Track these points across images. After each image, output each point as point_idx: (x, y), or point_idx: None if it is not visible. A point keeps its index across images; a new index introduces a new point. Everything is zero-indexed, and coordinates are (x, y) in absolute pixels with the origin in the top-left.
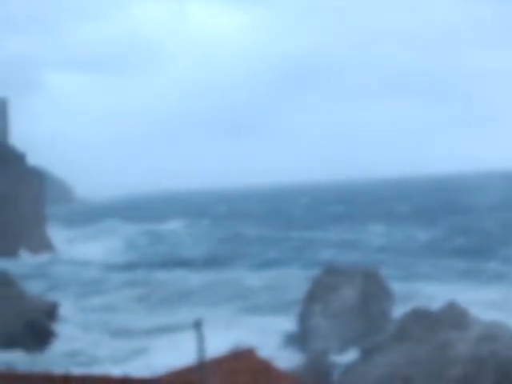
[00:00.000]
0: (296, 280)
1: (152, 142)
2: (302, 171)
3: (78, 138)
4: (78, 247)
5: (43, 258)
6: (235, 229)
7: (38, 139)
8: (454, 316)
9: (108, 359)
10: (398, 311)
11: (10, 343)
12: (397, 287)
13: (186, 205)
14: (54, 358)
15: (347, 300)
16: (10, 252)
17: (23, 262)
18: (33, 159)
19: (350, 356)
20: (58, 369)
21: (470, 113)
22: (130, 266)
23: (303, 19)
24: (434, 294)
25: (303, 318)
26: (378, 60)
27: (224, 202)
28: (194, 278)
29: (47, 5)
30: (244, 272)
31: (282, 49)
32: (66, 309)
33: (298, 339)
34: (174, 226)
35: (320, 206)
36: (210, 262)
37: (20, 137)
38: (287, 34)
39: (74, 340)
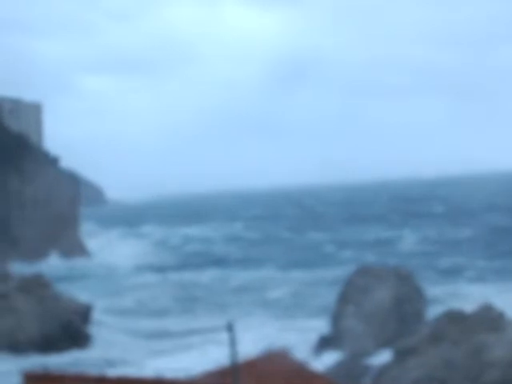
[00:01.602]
0: (328, 281)
1: (183, 144)
2: (332, 172)
3: (110, 140)
4: (110, 249)
5: (76, 259)
6: (267, 231)
7: (71, 142)
8: (489, 318)
9: (141, 361)
10: (432, 313)
11: (45, 344)
12: (430, 288)
13: (219, 207)
14: (88, 360)
15: (380, 301)
16: (43, 254)
17: (57, 264)
18: (66, 162)
19: (384, 358)
20: (93, 370)
21: (506, 112)
22: (161, 268)
23: (336, 20)
24: (469, 295)
25: (336, 319)
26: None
27: (256, 203)
28: (226, 280)
29: (81, 9)
30: (275, 273)
31: (314, 49)
32: (100, 311)
33: (331, 341)
34: (205, 228)
35: (352, 207)
36: (242, 264)
37: (54, 140)
38: (319, 35)
39: (107, 342)
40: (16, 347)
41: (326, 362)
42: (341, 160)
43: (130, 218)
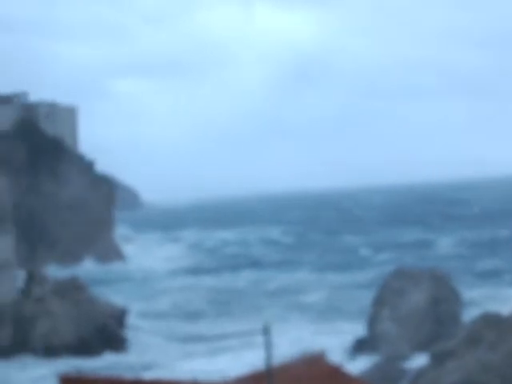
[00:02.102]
0: (364, 284)
1: (217, 146)
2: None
3: (145, 143)
4: (145, 253)
5: (112, 263)
6: (304, 234)
7: (106, 145)
8: None
9: (176, 364)
10: (469, 315)
11: (80, 348)
12: (467, 291)
13: (255, 210)
14: (123, 363)
15: (416, 304)
16: (79, 258)
17: (92, 268)
18: (101, 166)
19: (420, 361)
20: (128, 374)
21: None
22: (196, 271)
23: (368, 19)
24: (507, 298)
25: (372, 322)
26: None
27: (293, 206)
28: (262, 283)
29: (115, 12)
30: (311, 276)
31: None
32: (135, 314)
33: (367, 344)
34: (241, 231)
35: (389, 210)
36: (278, 267)
37: (89, 143)
38: (352, 35)
39: (142, 345)
40: (51, 350)
41: (361, 365)
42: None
43: (165, 221)
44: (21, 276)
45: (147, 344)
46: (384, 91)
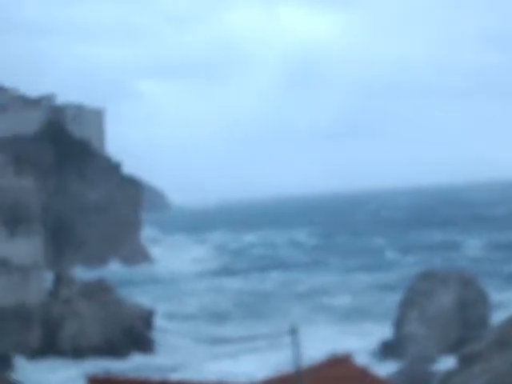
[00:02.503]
0: (391, 286)
1: (244, 148)
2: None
3: (171, 145)
4: (172, 255)
5: (139, 265)
6: (330, 236)
7: (132, 148)
8: None
9: (203, 366)
10: (497, 318)
11: (108, 350)
12: (495, 294)
13: (282, 212)
14: (151, 365)
15: (443, 306)
16: (106, 259)
17: (119, 270)
18: (128, 167)
19: (448, 364)
20: (156, 375)
21: None
22: (223, 273)
23: (392, 20)
24: None
25: (399, 324)
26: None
27: (319, 208)
28: (289, 284)
29: (138, 14)
30: (338, 278)
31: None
32: (162, 316)
33: (394, 346)
34: (268, 233)
35: (416, 211)
36: (304, 269)
37: (116, 145)
38: (377, 36)
39: (170, 347)
40: (79, 352)
41: (388, 367)
42: (396, 164)
43: (192, 223)
44: (48, 277)
45: (174, 346)
46: (407, 92)
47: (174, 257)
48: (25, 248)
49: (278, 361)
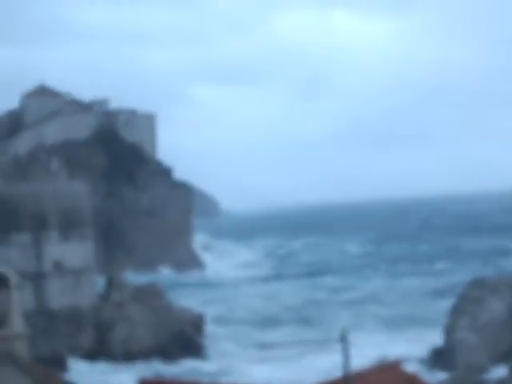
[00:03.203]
0: (442, 292)
1: (296, 153)
2: (451, 181)
3: (223, 150)
4: (222, 260)
5: (189, 270)
6: (380, 243)
7: (184, 153)
8: None
9: (252, 370)
10: None
11: (158, 354)
12: None
13: (332, 219)
14: (200, 369)
15: (495, 314)
16: (157, 264)
17: (170, 275)
18: (180, 173)
19: (500, 373)
20: (205, 379)
21: None
22: (273, 279)
23: (448, 26)
24: None
25: (449, 331)
26: None
27: (370, 215)
28: (338, 290)
29: (192, 19)
30: (387, 284)
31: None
32: (212, 321)
33: (444, 353)
34: (317, 239)
35: (469, 218)
36: (353, 275)
37: (167, 150)
38: (431, 42)
39: (219, 351)
40: (130, 355)
41: (439, 375)
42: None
43: (244, 229)
44: (100, 282)
45: (223, 350)
46: (461, 99)
47: (224, 262)
48: (77, 252)
49: (326, 366)
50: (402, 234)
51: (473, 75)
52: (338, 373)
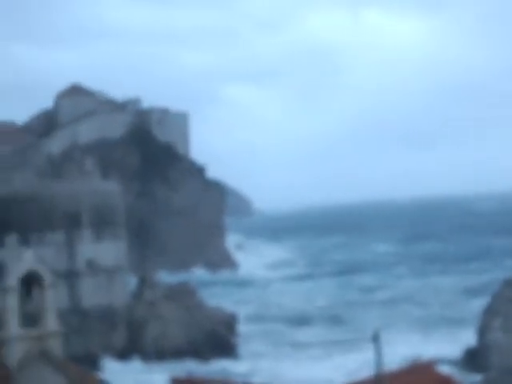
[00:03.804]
0: (475, 291)
1: (329, 153)
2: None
3: (256, 150)
4: (255, 259)
5: (222, 270)
6: (412, 243)
7: (216, 152)
8: None
9: (284, 370)
10: None
11: (190, 352)
12: None
13: (365, 218)
14: (232, 368)
15: None
16: (189, 263)
17: (203, 274)
18: (213, 172)
19: None
20: (237, 378)
21: None
22: (304, 278)
23: (482, 27)
24: None
25: (483, 332)
26: None
27: (403, 214)
28: (370, 290)
29: (224, 19)
30: (420, 283)
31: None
32: (244, 320)
33: (477, 354)
34: (347, 238)
35: (502, 217)
36: (384, 274)
37: (200, 149)
38: (463, 41)
39: (251, 351)
40: (162, 354)
41: (472, 377)
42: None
43: (276, 228)
44: (133, 280)
45: (255, 350)
46: (492, 98)
47: (256, 261)
48: (110, 250)
49: (358, 366)
50: (431, 233)
51: (507, 75)
52: (369, 372)
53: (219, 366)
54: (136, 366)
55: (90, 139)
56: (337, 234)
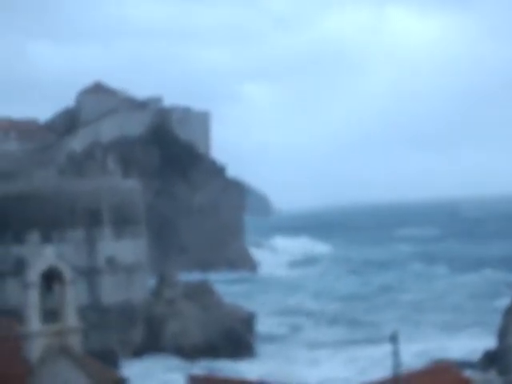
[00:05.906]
0: (498, 293)
1: (349, 151)
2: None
3: (276, 149)
4: (274, 258)
5: (241, 269)
6: (431, 245)
7: (237, 151)
8: None
9: (302, 370)
10: None
11: (208, 351)
12: None
13: (386, 217)
14: (250, 367)
15: None
16: (210, 262)
17: (222, 273)
18: (233, 171)
19: None
20: (254, 377)
21: None
22: (325, 277)
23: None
24: None
25: (503, 334)
26: None
27: (420, 216)
28: (390, 290)
29: (243, 17)
30: (442, 285)
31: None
32: (263, 320)
33: (497, 357)
34: (372, 237)
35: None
36: (407, 275)
37: (221, 149)
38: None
39: (269, 350)
40: (180, 351)
41: (492, 379)
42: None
43: (295, 227)
44: (153, 279)
45: (273, 349)
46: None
47: (276, 260)
48: (130, 248)
49: (377, 367)
50: (454, 233)
51: None
52: (387, 373)
53: (236, 364)
54: (154, 362)
55: (112, 137)
56: (356, 233)
